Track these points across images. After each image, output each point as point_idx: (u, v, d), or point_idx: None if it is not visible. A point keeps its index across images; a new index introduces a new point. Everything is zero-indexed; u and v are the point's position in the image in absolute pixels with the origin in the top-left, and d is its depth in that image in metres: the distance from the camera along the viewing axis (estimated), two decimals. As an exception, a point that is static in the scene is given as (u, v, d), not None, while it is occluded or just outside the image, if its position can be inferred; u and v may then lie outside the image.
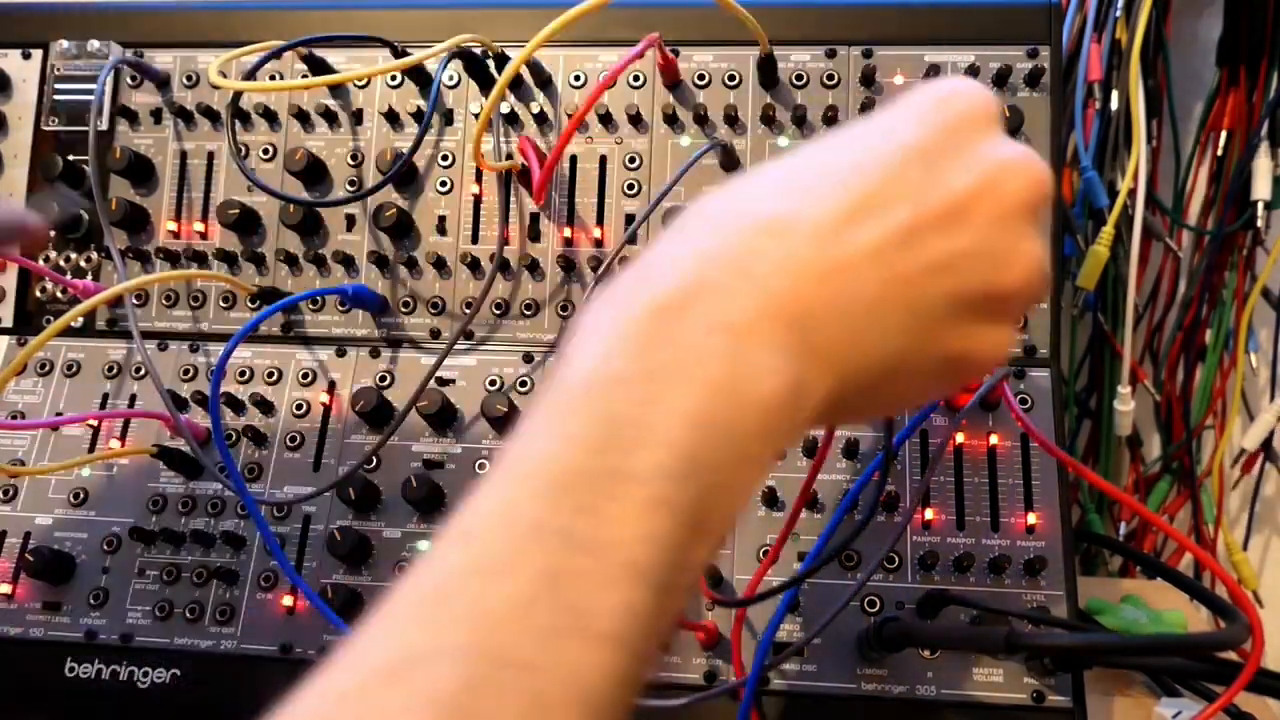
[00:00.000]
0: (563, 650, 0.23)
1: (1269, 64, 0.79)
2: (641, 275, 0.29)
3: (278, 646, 0.54)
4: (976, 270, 0.31)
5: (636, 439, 0.26)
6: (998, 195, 0.31)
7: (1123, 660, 0.55)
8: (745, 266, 0.28)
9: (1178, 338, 0.86)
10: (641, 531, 0.25)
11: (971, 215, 0.30)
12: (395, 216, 0.59)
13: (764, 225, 0.29)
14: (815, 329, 0.28)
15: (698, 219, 0.30)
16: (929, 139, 0.31)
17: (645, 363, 0.27)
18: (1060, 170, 0.60)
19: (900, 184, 0.30)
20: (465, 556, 0.25)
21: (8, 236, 0.44)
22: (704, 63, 0.60)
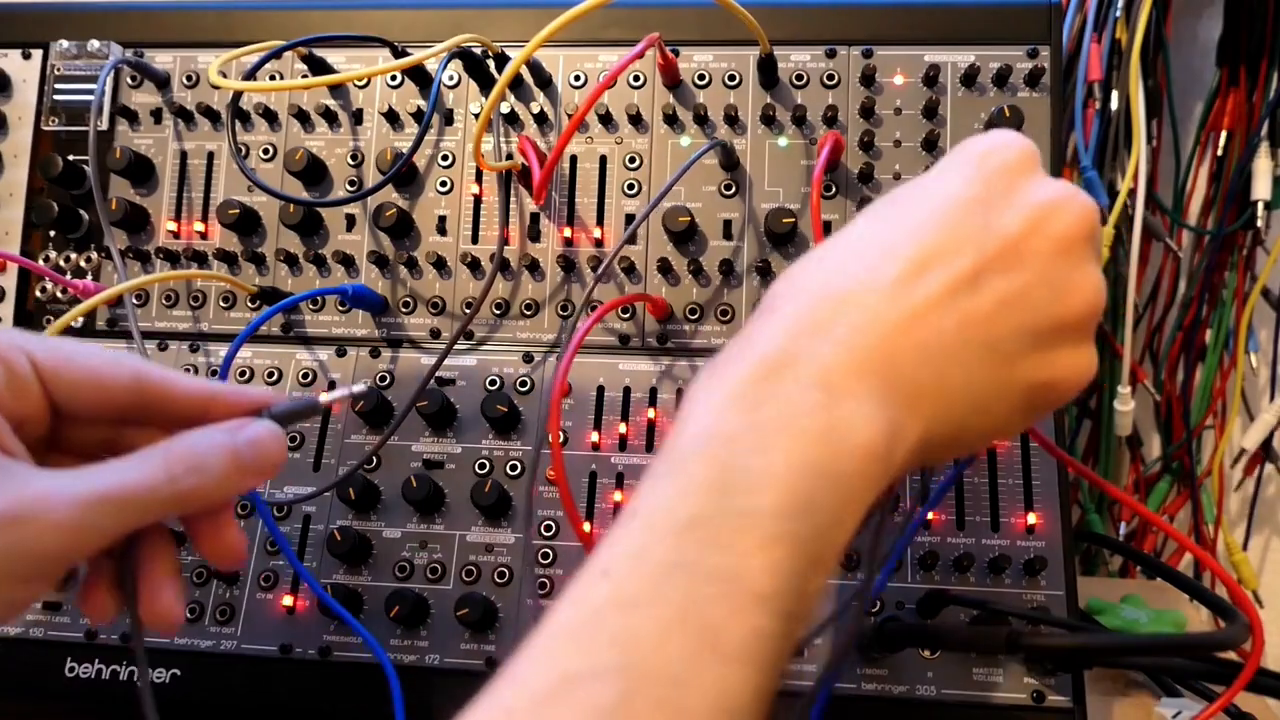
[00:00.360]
0: (703, 669, 0.26)
1: (1269, 64, 0.79)
2: (742, 348, 0.33)
3: (278, 646, 0.54)
4: (1041, 302, 0.34)
5: (752, 484, 0.29)
6: (1048, 231, 0.34)
7: (1123, 660, 0.55)
8: (831, 331, 0.32)
9: (1178, 338, 0.86)
10: (764, 563, 0.28)
11: (1028, 253, 0.34)
12: (395, 216, 0.59)
13: (843, 294, 0.33)
14: (900, 377, 0.32)
15: (787, 294, 0.34)
16: (978, 190, 0.34)
17: (754, 419, 0.31)
18: (1060, 170, 0.60)
19: (958, 235, 0.34)
20: (607, 591, 0.28)
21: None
22: (704, 63, 0.60)
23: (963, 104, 0.58)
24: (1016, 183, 0.35)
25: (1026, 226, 0.34)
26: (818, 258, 0.36)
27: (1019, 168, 0.35)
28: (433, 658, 0.53)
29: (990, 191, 0.35)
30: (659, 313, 0.58)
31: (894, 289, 0.33)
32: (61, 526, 0.32)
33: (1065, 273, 0.34)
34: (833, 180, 0.58)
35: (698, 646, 0.27)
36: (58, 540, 0.32)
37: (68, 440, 0.38)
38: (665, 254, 0.59)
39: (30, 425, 0.36)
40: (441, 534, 0.55)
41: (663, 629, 0.27)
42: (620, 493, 0.55)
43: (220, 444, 0.35)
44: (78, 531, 0.32)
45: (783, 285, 0.35)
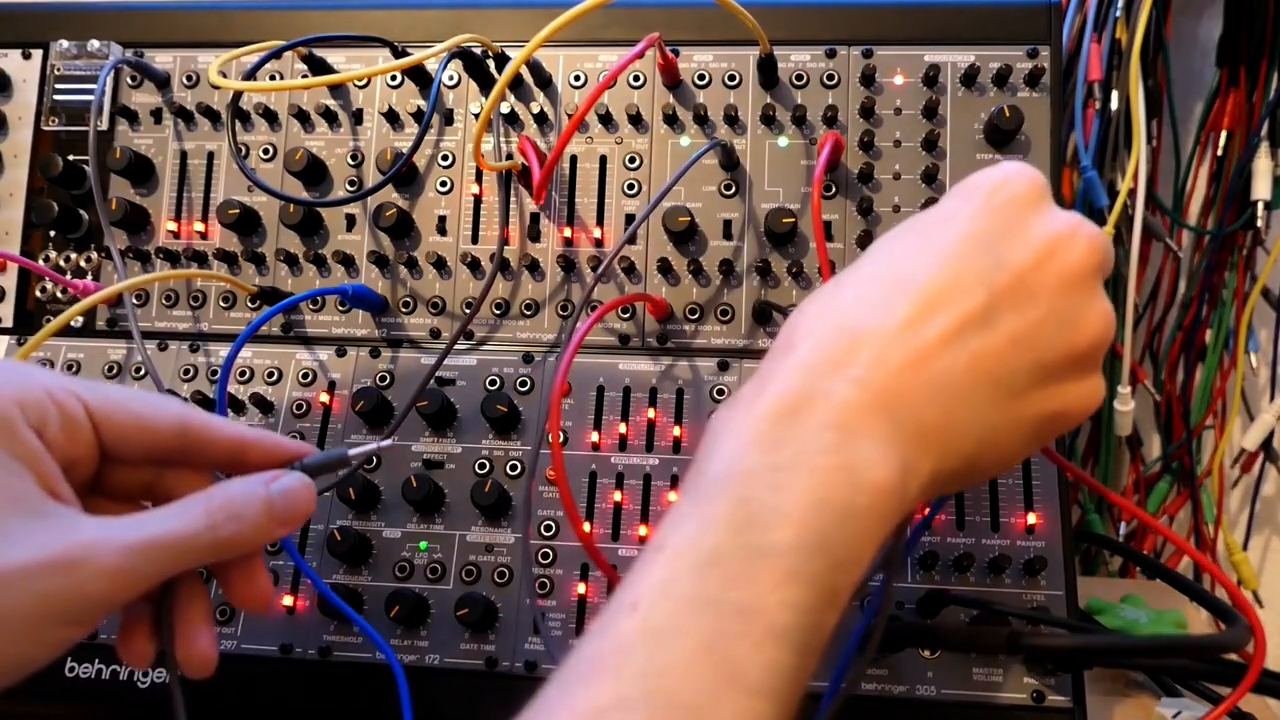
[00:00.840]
0: (723, 699, 0.28)
1: (1269, 64, 0.79)
2: (759, 387, 0.34)
3: (278, 646, 0.54)
4: (1051, 336, 0.34)
5: (770, 521, 0.30)
6: (1058, 265, 0.35)
7: (1123, 660, 0.55)
8: (845, 371, 0.33)
9: (1178, 338, 0.86)
10: (781, 599, 0.29)
11: (1038, 287, 0.34)
12: (395, 216, 0.59)
13: (856, 334, 0.34)
14: (911, 416, 0.33)
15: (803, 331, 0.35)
16: (987, 224, 0.35)
17: (773, 459, 0.32)
18: (1060, 170, 0.60)
19: (968, 272, 0.34)
20: (635, 623, 0.29)
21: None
22: (704, 63, 0.60)
23: (963, 104, 0.58)
24: (1025, 216, 0.35)
25: (1036, 260, 0.34)
26: (831, 293, 0.36)
27: (1028, 200, 0.36)
28: (433, 658, 0.53)
29: (999, 226, 0.35)
30: (659, 313, 0.58)
31: (904, 329, 0.33)
32: (109, 572, 0.34)
33: (1075, 306, 0.35)
34: (833, 180, 0.58)
35: (719, 679, 0.28)
36: (105, 586, 0.34)
37: (110, 483, 0.39)
38: (665, 254, 0.58)
39: (78, 468, 0.37)
40: (441, 534, 0.55)
41: (687, 661, 0.28)
42: (620, 493, 0.55)
43: (257, 495, 0.37)
44: (124, 577, 0.34)
45: (798, 321, 0.36)
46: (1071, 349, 0.35)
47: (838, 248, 0.58)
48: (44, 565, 0.33)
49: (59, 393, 0.36)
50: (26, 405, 0.35)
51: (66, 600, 0.34)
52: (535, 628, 0.53)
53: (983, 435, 0.34)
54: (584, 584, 0.53)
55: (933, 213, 0.37)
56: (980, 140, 0.58)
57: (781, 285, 0.58)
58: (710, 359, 0.57)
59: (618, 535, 0.54)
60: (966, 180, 0.37)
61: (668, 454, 0.56)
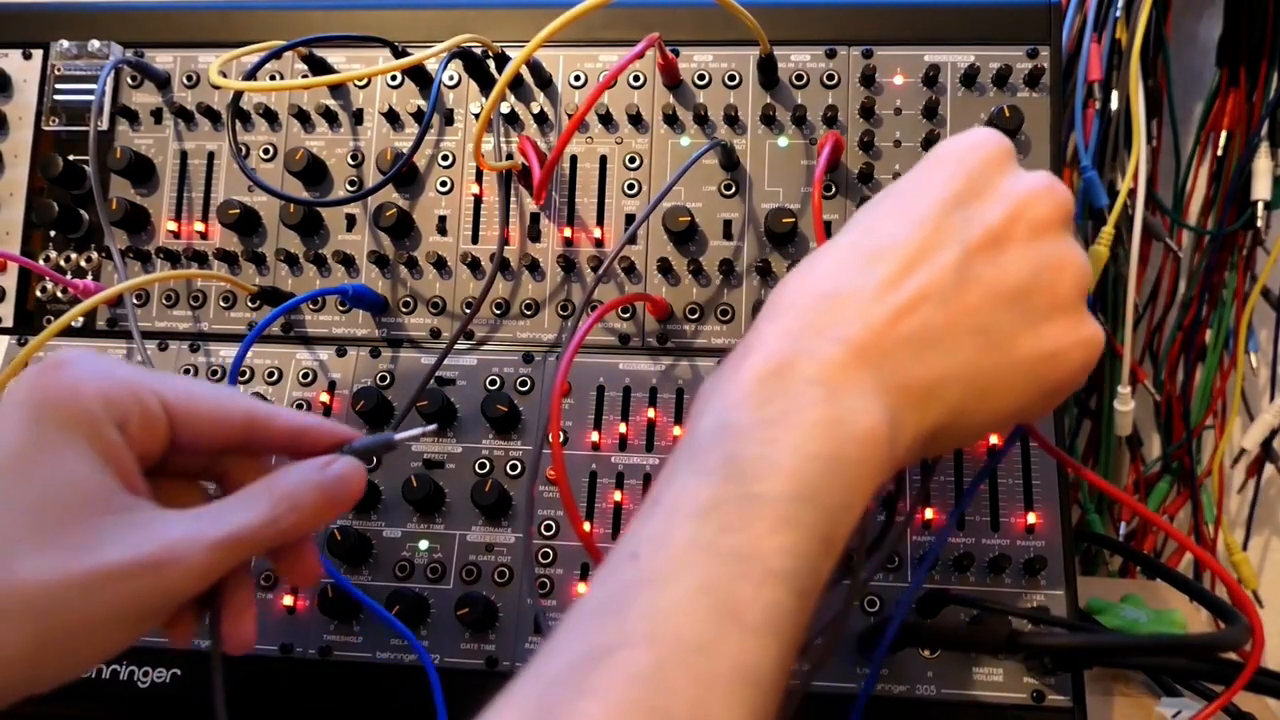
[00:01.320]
0: (727, 637, 0.28)
1: (1269, 64, 0.79)
2: (742, 354, 0.35)
3: (278, 646, 0.54)
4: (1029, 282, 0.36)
5: (762, 473, 0.31)
6: (1029, 218, 0.36)
7: (1123, 660, 0.55)
8: (828, 331, 0.34)
9: (1178, 338, 0.87)
10: (777, 544, 0.30)
11: (1010, 239, 0.36)
12: (395, 216, 0.59)
13: (838, 297, 0.35)
14: (895, 371, 0.34)
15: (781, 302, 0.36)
16: (960, 185, 0.36)
17: (760, 414, 0.33)
18: (1060, 170, 0.60)
19: (943, 230, 0.36)
20: (634, 572, 0.30)
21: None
22: (704, 63, 0.60)
23: (963, 104, 0.58)
24: (995, 177, 0.37)
25: (1007, 216, 0.36)
26: (810, 265, 0.38)
27: (996, 162, 0.37)
28: (433, 657, 0.53)
29: (971, 186, 0.37)
30: (659, 313, 0.58)
31: (882, 289, 0.35)
32: (197, 571, 0.35)
33: (1049, 253, 0.36)
34: (833, 180, 0.58)
35: (721, 618, 0.29)
36: (191, 583, 0.35)
37: (171, 466, 0.39)
38: (665, 254, 0.59)
39: (148, 459, 0.38)
40: (442, 534, 0.55)
41: (689, 602, 0.29)
42: (620, 492, 0.55)
43: (312, 481, 0.38)
44: (207, 573, 0.36)
45: (780, 293, 0.37)
46: (1050, 292, 0.36)
47: (838, 248, 0.58)
48: (136, 565, 0.34)
49: (140, 389, 0.37)
50: (111, 402, 0.36)
51: (155, 598, 0.35)
52: (536, 627, 0.53)
53: (975, 383, 0.36)
54: (584, 584, 0.53)
55: (906, 180, 0.39)
56: (980, 140, 0.58)
57: (781, 285, 0.58)
58: (710, 359, 0.57)
59: (618, 535, 0.54)
60: (937, 148, 0.39)
61: (668, 454, 0.55)
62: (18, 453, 0.35)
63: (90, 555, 0.34)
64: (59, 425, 0.35)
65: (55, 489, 0.34)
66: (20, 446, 0.35)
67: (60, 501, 0.34)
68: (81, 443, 0.35)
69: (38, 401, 0.35)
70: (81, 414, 0.35)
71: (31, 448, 0.35)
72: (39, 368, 0.36)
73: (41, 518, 0.34)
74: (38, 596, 0.33)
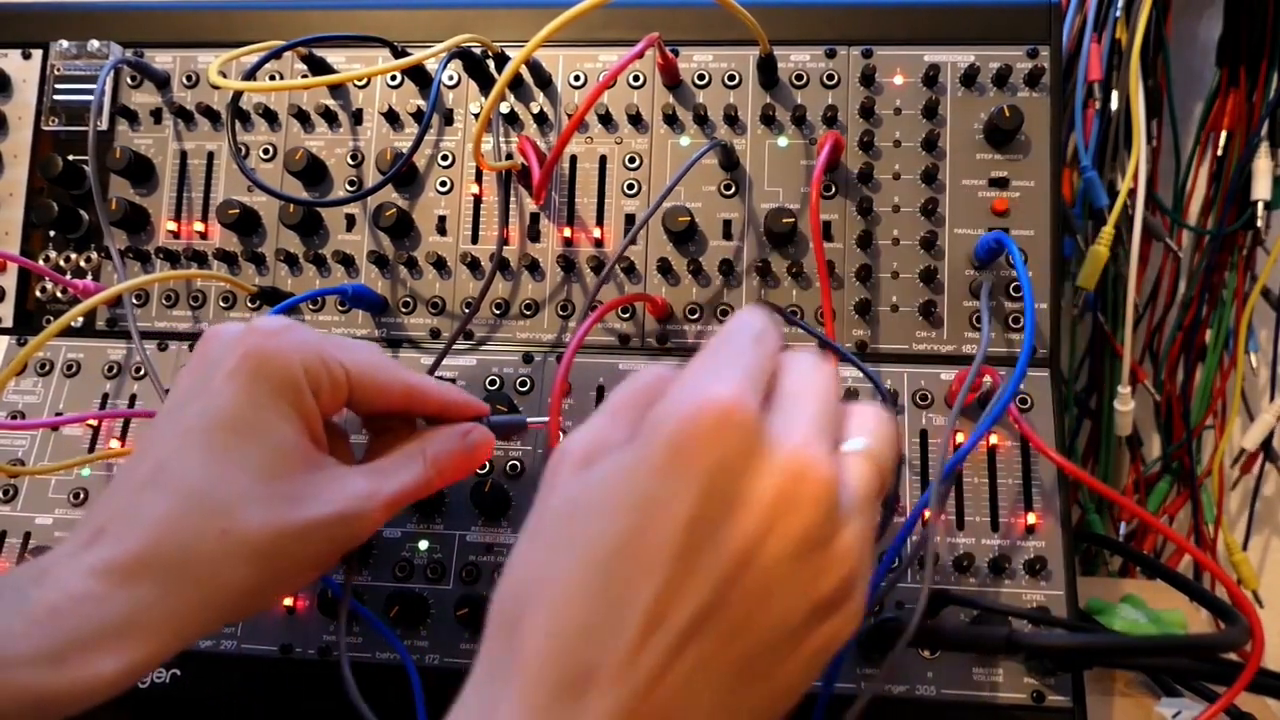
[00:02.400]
0: None
1: (1269, 64, 0.79)
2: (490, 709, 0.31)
3: (278, 647, 0.54)
4: (790, 603, 0.31)
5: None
6: (784, 532, 0.30)
7: (1123, 660, 0.55)
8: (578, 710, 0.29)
9: (1178, 338, 0.86)
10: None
11: (767, 561, 0.30)
12: (395, 216, 0.59)
13: (584, 671, 0.29)
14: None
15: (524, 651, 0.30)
16: (701, 510, 0.29)
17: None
18: (1060, 170, 0.60)
19: (681, 574, 0.29)
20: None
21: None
22: (704, 63, 0.60)
23: (962, 104, 0.58)
24: (739, 480, 0.30)
25: (758, 533, 0.30)
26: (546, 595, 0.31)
27: (739, 457, 0.30)
28: (433, 658, 0.53)
29: (714, 504, 0.30)
30: (659, 313, 0.58)
31: (631, 653, 0.29)
32: (373, 523, 0.42)
33: (809, 566, 0.31)
34: (832, 180, 0.58)
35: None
36: (367, 534, 0.42)
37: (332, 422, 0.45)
38: (665, 254, 0.59)
39: (327, 419, 0.43)
40: (441, 534, 0.55)
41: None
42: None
43: (457, 448, 0.45)
44: (378, 525, 0.43)
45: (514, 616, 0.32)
46: (815, 602, 0.31)
47: (837, 248, 0.58)
48: (338, 518, 0.40)
49: (330, 359, 0.42)
50: (309, 370, 0.41)
51: (344, 546, 0.41)
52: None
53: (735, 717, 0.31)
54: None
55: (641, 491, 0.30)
56: (980, 140, 0.58)
57: (781, 285, 0.58)
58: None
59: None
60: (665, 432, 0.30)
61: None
62: (239, 414, 0.39)
63: (304, 509, 0.39)
64: (272, 390, 0.40)
65: (273, 448, 0.39)
66: (241, 408, 0.39)
67: (277, 460, 0.39)
68: (288, 406, 0.40)
69: (253, 368, 0.40)
70: (290, 380, 0.40)
71: (250, 409, 0.39)
72: (248, 333, 0.41)
73: (264, 475, 0.39)
74: (261, 544, 0.38)
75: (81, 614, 0.35)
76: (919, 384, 0.56)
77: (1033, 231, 0.57)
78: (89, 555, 0.36)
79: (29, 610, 0.35)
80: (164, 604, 0.36)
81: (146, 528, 0.37)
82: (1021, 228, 0.57)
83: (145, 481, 0.38)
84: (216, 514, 0.38)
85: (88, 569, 0.36)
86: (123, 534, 0.37)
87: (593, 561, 0.30)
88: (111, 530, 0.37)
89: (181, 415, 0.40)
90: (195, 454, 0.38)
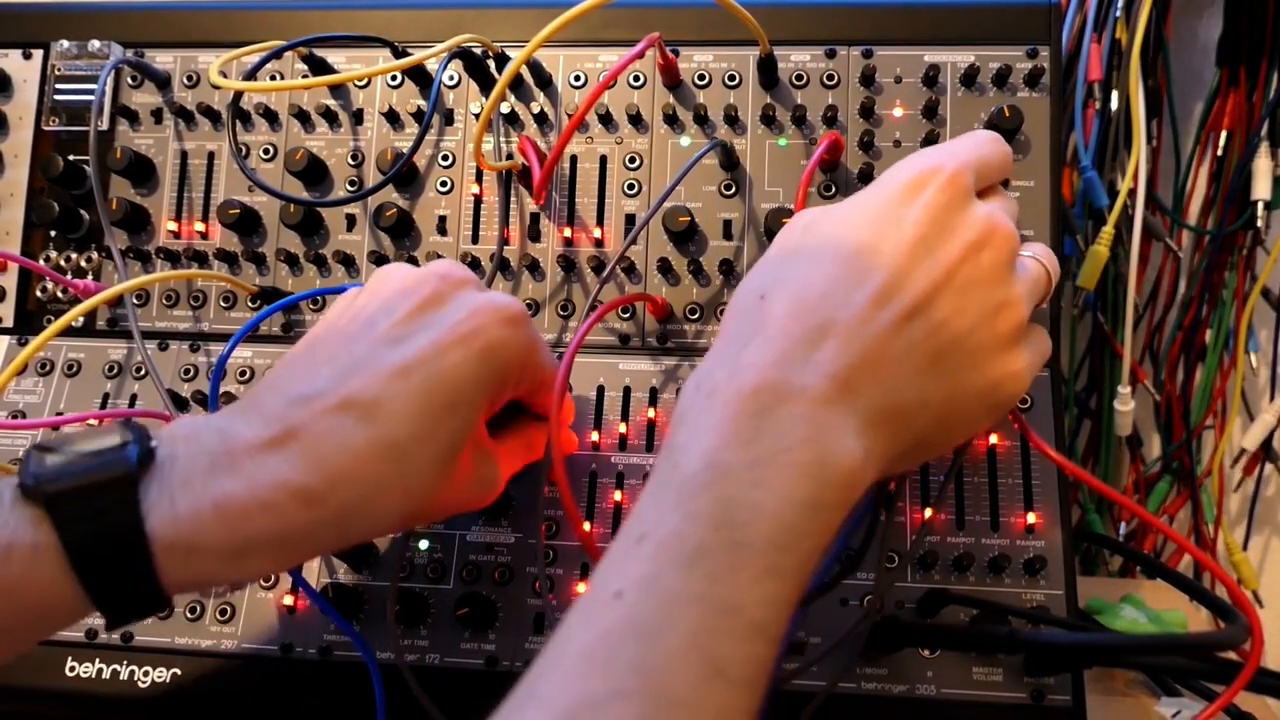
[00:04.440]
0: (712, 693, 0.29)
1: (1269, 64, 0.79)
2: (731, 376, 0.36)
3: (278, 646, 0.54)
4: (975, 323, 0.39)
5: (749, 519, 0.32)
6: (981, 262, 0.39)
7: (1123, 660, 0.55)
8: (812, 363, 0.36)
9: (1178, 338, 0.86)
10: (759, 594, 0.31)
11: (964, 281, 0.39)
12: (395, 216, 0.59)
13: (823, 327, 0.37)
14: (869, 404, 0.36)
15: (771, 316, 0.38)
16: (926, 230, 0.39)
17: (751, 454, 0.34)
18: (1060, 170, 0.60)
19: (914, 270, 0.38)
20: (621, 617, 0.31)
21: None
22: (704, 63, 0.60)
23: (962, 104, 0.58)
24: (954, 216, 0.40)
25: (962, 257, 0.39)
26: (801, 274, 0.39)
27: (955, 196, 0.40)
28: (433, 657, 0.53)
29: (936, 228, 0.39)
30: (659, 312, 0.58)
31: (863, 321, 0.37)
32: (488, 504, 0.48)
33: (995, 295, 0.40)
34: (832, 180, 0.58)
35: (707, 673, 0.29)
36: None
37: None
38: (665, 254, 0.59)
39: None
40: (441, 534, 0.55)
41: (675, 656, 0.29)
42: (620, 493, 0.55)
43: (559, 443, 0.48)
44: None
45: (771, 299, 0.39)
46: (993, 332, 0.39)
47: (838, 248, 0.58)
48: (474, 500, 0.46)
49: (536, 366, 0.45)
50: (522, 369, 0.44)
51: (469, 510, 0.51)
52: (536, 627, 0.53)
53: (935, 413, 0.38)
54: (584, 583, 0.53)
55: (882, 209, 0.40)
56: (980, 140, 0.58)
57: (781, 285, 0.58)
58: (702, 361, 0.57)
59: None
60: (903, 177, 0.41)
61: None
62: (459, 387, 0.40)
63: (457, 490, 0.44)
64: (490, 377, 0.42)
65: (463, 428, 0.41)
66: (463, 384, 0.40)
67: (460, 440, 0.41)
68: (491, 397, 0.42)
69: (487, 348, 0.41)
70: (507, 376, 0.43)
71: (469, 389, 0.41)
72: (492, 310, 0.42)
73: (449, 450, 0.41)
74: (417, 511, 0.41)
75: (264, 523, 0.36)
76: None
77: (1033, 231, 0.57)
78: (280, 463, 0.37)
79: (222, 501, 0.36)
80: (328, 532, 0.38)
81: (341, 460, 0.38)
82: (1021, 228, 0.57)
83: (349, 404, 0.38)
84: (406, 474, 0.39)
85: (281, 482, 0.37)
86: (315, 453, 0.37)
87: (834, 257, 0.39)
88: (303, 443, 0.37)
89: (399, 351, 0.40)
90: (411, 405, 0.39)
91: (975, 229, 0.40)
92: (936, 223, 0.39)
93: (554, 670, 0.30)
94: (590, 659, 0.30)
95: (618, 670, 0.29)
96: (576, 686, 0.29)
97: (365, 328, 0.42)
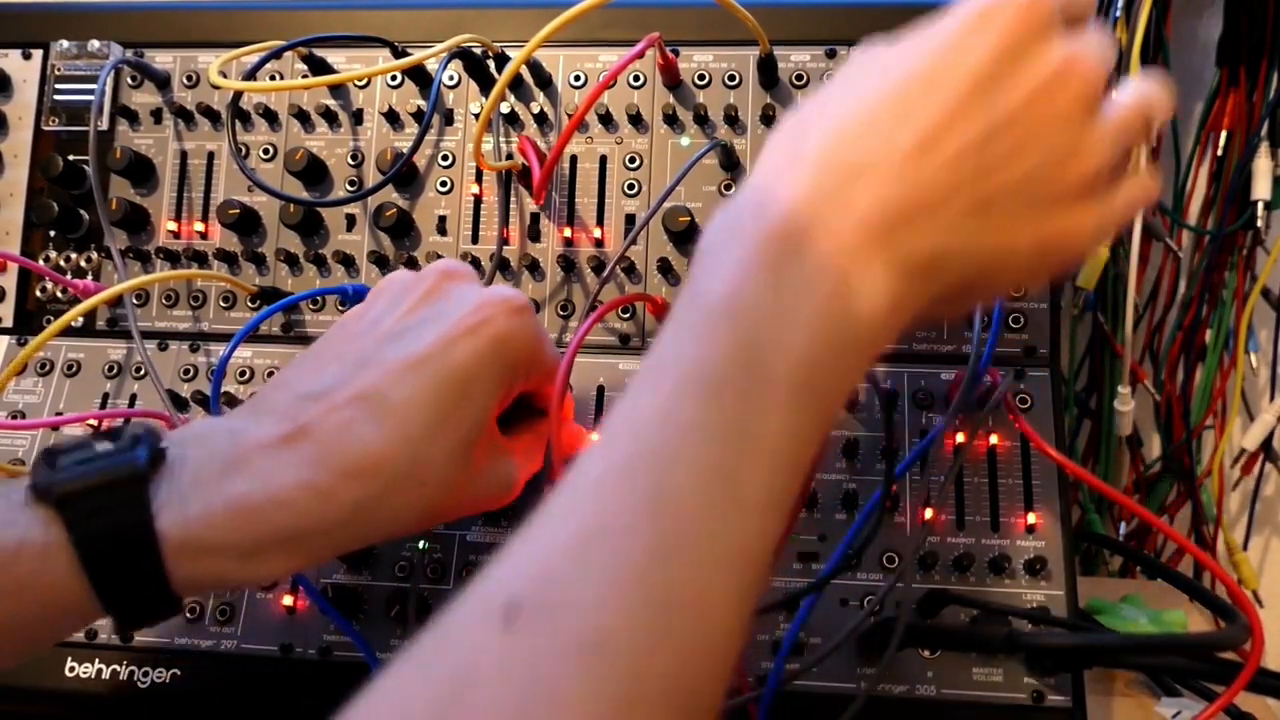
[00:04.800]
0: (729, 519, 0.29)
1: (1269, 64, 0.79)
2: (759, 210, 0.34)
3: (278, 646, 0.54)
4: (1041, 170, 0.35)
5: (772, 354, 0.31)
6: (1056, 101, 0.35)
7: (1123, 660, 0.55)
8: (848, 201, 0.33)
9: (1178, 338, 0.86)
10: (781, 427, 0.31)
11: (1032, 123, 0.34)
12: (395, 216, 0.59)
13: (860, 167, 0.34)
14: (905, 252, 0.33)
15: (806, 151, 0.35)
16: (995, 60, 0.34)
17: (777, 292, 0.32)
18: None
19: (971, 106, 0.34)
20: (636, 447, 0.30)
21: None
22: (704, 63, 0.60)
23: (963, 104, 0.58)
24: (1027, 52, 0.35)
25: (1031, 96, 0.34)
26: (842, 111, 0.36)
27: (1032, 33, 0.35)
28: (433, 658, 0.53)
29: (1006, 61, 0.34)
30: (659, 312, 0.58)
31: (906, 162, 0.34)
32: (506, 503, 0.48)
33: (1066, 141, 0.35)
34: (833, 180, 0.58)
35: (724, 500, 0.29)
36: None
37: None
38: (665, 254, 0.59)
39: None
40: (441, 534, 0.55)
41: (692, 485, 0.29)
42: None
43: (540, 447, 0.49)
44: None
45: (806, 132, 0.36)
46: (1062, 181, 0.35)
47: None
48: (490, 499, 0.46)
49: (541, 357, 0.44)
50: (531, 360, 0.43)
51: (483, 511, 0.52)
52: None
53: (981, 262, 0.35)
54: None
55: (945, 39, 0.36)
56: (980, 140, 0.58)
57: (781, 285, 0.58)
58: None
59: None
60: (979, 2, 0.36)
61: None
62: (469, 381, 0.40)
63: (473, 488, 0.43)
64: (500, 370, 0.41)
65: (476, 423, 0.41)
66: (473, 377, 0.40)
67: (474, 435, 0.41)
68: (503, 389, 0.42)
69: (495, 340, 0.41)
70: (516, 367, 0.42)
71: (479, 383, 0.41)
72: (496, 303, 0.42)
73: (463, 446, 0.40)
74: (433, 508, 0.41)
75: (277, 521, 0.36)
76: (919, 384, 0.56)
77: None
78: (293, 459, 0.37)
79: (234, 501, 0.36)
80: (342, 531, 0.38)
81: (354, 455, 0.38)
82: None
83: (360, 399, 0.38)
84: (419, 469, 0.39)
85: (294, 479, 0.37)
86: (328, 449, 0.37)
87: (884, 88, 0.35)
88: (316, 440, 0.37)
89: (408, 345, 0.40)
90: (422, 398, 0.39)
91: (1051, 65, 0.35)
92: (1009, 53, 0.35)
93: (567, 499, 0.30)
94: (601, 489, 0.29)
95: (631, 500, 0.29)
96: (587, 515, 0.29)
97: (371, 326, 0.42)
